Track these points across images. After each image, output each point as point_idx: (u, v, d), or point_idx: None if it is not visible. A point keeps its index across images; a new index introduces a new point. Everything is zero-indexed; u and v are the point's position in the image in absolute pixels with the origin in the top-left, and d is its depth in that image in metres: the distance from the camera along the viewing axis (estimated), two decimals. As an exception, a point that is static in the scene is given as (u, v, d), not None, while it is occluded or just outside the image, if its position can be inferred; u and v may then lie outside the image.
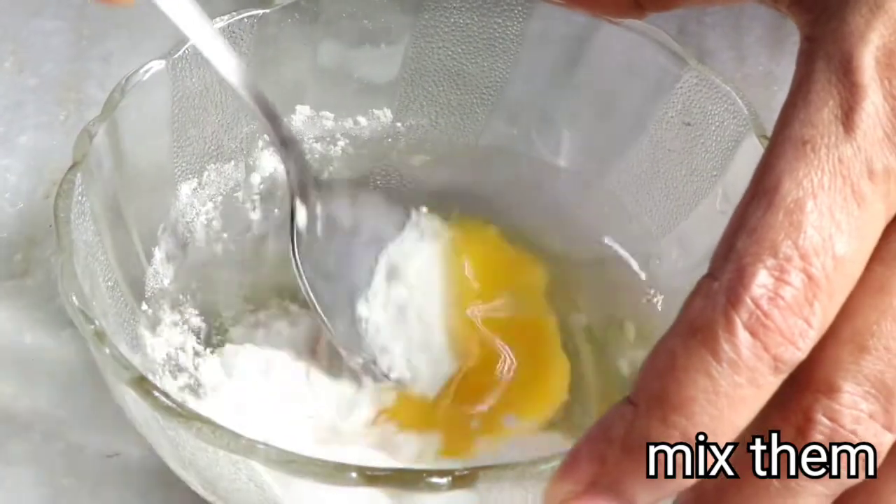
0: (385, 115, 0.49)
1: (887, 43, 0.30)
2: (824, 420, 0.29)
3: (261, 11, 0.45)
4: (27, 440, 0.44)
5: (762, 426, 0.30)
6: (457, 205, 0.48)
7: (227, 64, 0.41)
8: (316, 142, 0.49)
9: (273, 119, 0.43)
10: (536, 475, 0.33)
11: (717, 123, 0.44)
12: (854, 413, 0.29)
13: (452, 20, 0.47)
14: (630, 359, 0.45)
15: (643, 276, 0.46)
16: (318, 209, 0.44)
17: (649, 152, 0.46)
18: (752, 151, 0.42)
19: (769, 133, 0.32)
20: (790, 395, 0.29)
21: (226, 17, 0.45)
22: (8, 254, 0.49)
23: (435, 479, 0.33)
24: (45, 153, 0.52)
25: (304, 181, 0.44)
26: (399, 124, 0.49)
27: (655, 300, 0.46)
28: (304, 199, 0.44)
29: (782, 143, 0.30)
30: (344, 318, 0.44)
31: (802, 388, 0.29)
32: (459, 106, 0.49)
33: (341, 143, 0.49)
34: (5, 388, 0.45)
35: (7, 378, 0.45)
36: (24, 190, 0.51)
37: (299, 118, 0.48)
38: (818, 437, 0.29)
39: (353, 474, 0.33)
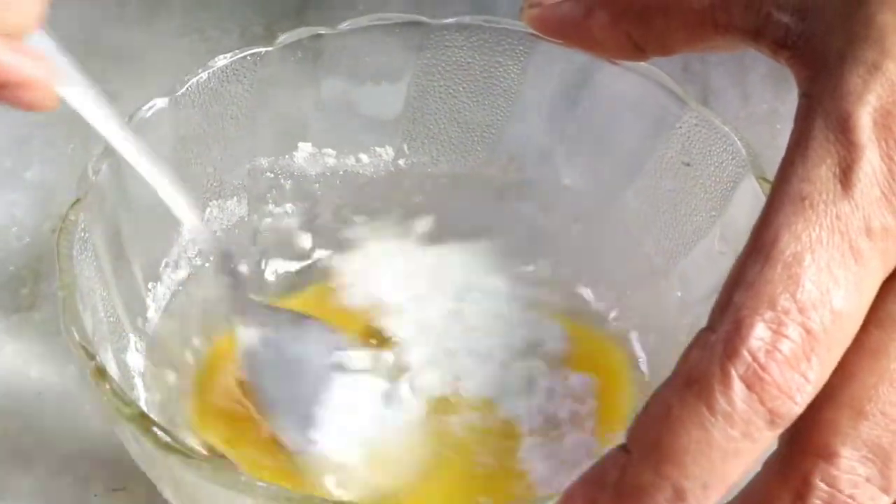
0: (387, 152, 0.49)
1: (885, 104, 0.30)
2: (822, 485, 0.29)
3: (263, 49, 0.45)
4: (33, 474, 0.44)
5: (760, 489, 0.30)
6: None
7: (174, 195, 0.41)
8: (316, 181, 0.49)
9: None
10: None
11: (716, 164, 0.44)
12: (852, 478, 0.29)
13: (454, 59, 0.47)
14: None
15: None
16: (263, 333, 0.44)
17: (648, 192, 0.46)
18: (750, 192, 0.42)
19: (768, 174, 0.31)
20: (788, 459, 0.30)
21: (228, 56, 0.45)
22: (14, 287, 0.49)
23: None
24: (51, 187, 0.52)
25: (246, 303, 0.44)
26: (401, 162, 0.49)
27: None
28: (247, 321, 0.43)
29: (781, 198, 0.30)
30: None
31: (801, 451, 0.30)
32: (461, 144, 0.49)
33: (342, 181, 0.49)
34: (11, 422, 0.45)
35: (13, 412, 0.45)
36: (30, 224, 0.51)
37: (301, 155, 0.48)
38: (816, 502, 0.29)
39: (353, 512, 0.33)
